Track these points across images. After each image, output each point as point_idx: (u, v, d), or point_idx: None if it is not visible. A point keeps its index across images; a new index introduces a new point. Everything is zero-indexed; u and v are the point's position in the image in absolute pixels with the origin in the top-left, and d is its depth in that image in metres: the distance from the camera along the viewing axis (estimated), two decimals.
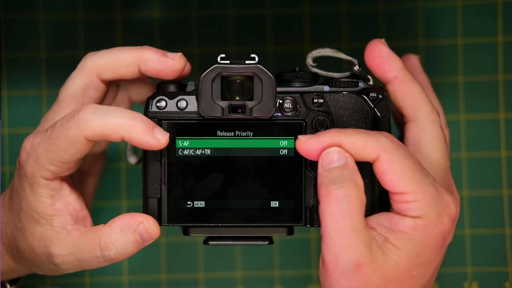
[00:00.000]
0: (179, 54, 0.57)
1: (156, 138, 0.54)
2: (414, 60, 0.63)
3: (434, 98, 0.62)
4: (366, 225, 0.52)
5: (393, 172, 0.52)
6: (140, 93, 0.63)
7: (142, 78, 0.61)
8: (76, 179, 0.62)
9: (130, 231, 0.55)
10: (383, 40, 0.58)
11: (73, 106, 0.58)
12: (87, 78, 0.58)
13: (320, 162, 0.53)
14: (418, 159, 0.54)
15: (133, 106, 0.65)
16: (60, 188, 0.57)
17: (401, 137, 0.59)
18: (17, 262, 0.60)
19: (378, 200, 0.56)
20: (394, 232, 0.53)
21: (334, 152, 0.53)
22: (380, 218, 0.54)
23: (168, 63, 0.57)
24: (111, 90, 0.62)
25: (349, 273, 0.51)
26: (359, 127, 0.57)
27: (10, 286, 0.65)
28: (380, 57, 0.57)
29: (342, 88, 0.57)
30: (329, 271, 0.52)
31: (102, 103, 0.61)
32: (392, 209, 0.54)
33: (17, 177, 0.58)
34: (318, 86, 0.57)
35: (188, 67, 0.59)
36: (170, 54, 0.57)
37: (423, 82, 0.62)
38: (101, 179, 0.67)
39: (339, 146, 0.53)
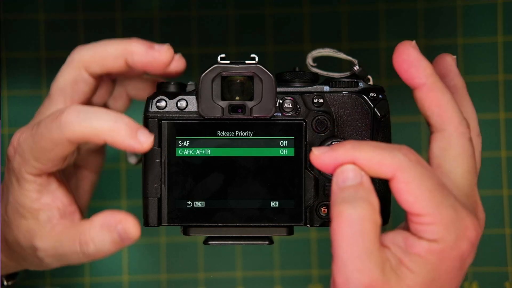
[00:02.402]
0: (166, 45, 0.56)
1: (139, 141, 0.53)
2: (449, 60, 0.57)
3: (469, 103, 0.58)
4: (380, 244, 0.50)
5: (409, 193, 0.49)
6: (138, 89, 0.63)
7: (139, 73, 0.61)
8: (70, 173, 0.62)
9: (110, 229, 0.54)
10: (413, 42, 0.54)
11: (62, 101, 0.57)
12: (75, 72, 0.57)
13: (334, 180, 0.51)
14: (439, 176, 0.52)
15: (132, 102, 0.65)
16: (48, 183, 0.56)
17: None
18: (7, 256, 0.60)
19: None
20: (409, 254, 0.50)
21: (349, 170, 0.50)
22: (395, 237, 0.51)
23: (154, 55, 0.56)
24: (106, 85, 0.61)
25: None
26: (359, 127, 0.57)
27: (7, 281, 0.65)
28: (408, 61, 0.53)
29: (342, 88, 0.57)
30: None
31: (94, 98, 0.60)
32: (408, 228, 0.51)
33: (6, 170, 0.57)
34: (318, 86, 0.57)
35: (181, 63, 0.58)
36: (157, 46, 0.56)
37: (458, 86, 0.57)
38: (100, 176, 0.67)
39: (353, 162, 0.51)
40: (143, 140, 0.53)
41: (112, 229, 0.54)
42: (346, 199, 0.49)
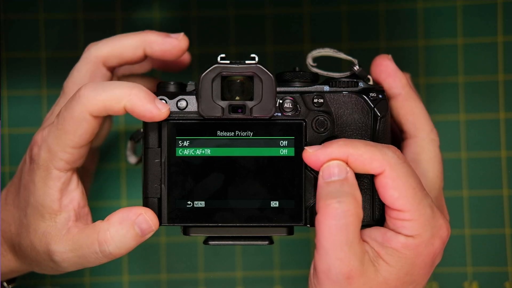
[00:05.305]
0: (182, 34, 0.59)
1: (157, 107, 0.54)
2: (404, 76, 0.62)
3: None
4: (360, 238, 0.53)
5: (395, 189, 0.53)
6: None
7: (145, 68, 0.62)
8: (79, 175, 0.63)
9: (129, 224, 0.55)
10: (389, 56, 0.59)
11: None
12: (93, 67, 0.59)
13: (320, 174, 0.54)
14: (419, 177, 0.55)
15: None
16: (69, 182, 0.57)
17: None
18: (20, 260, 0.60)
19: (378, 200, 0.56)
20: (386, 248, 0.54)
21: (334, 165, 0.53)
22: (373, 232, 0.55)
23: (173, 43, 0.58)
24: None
25: (340, 284, 0.52)
26: (359, 127, 0.57)
27: (8, 284, 0.65)
28: (386, 72, 0.59)
29: (342, 88, 0.57)
30: (320, 280, 0.53)
31: None
32: (386, 224, 0.55)
33: (27, 171, 0.58)
34: (318, 86, 0.57)
35: (187, 54, 0.61)
36: (173, 35, 0.59)
37: None
38: (95, 178, 0.67)
39: (347, 158, 0.53)
40: (161, 107, 0.55)
41: (132, 224, 0.55)
42: (332, 193, 0.52)
